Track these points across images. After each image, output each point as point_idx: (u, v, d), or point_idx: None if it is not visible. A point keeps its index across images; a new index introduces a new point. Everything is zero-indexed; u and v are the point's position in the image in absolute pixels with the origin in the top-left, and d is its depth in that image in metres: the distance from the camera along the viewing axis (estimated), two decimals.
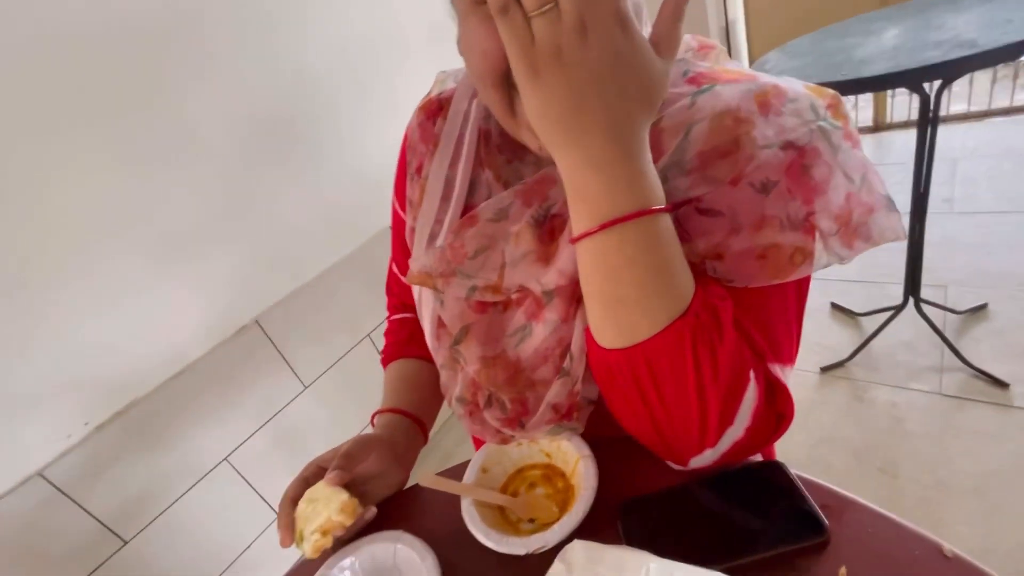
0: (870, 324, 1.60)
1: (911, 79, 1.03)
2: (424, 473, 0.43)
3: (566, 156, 0.32)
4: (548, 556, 0.34)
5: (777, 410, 0.39)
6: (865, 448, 1.31)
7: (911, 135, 1.43)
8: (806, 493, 0.35)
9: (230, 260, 1.26)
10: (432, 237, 0.47)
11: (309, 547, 0.42)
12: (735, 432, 0.37)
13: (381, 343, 0.85)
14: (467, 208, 0.47)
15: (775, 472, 0.37)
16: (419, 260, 0.46)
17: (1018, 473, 1.14)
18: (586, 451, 0.41)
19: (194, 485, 1.20)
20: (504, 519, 0.42)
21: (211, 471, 1.23)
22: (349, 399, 1.60)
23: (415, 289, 0.50)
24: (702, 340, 0.33)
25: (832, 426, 1.39)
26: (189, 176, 1.17)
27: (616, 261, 0.33)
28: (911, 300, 1.52)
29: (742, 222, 0.37)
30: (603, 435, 0.44)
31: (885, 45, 1.20)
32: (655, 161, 0.35)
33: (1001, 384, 1.32)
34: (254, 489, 1.32)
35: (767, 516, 0.35)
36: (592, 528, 0.38)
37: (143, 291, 1.11)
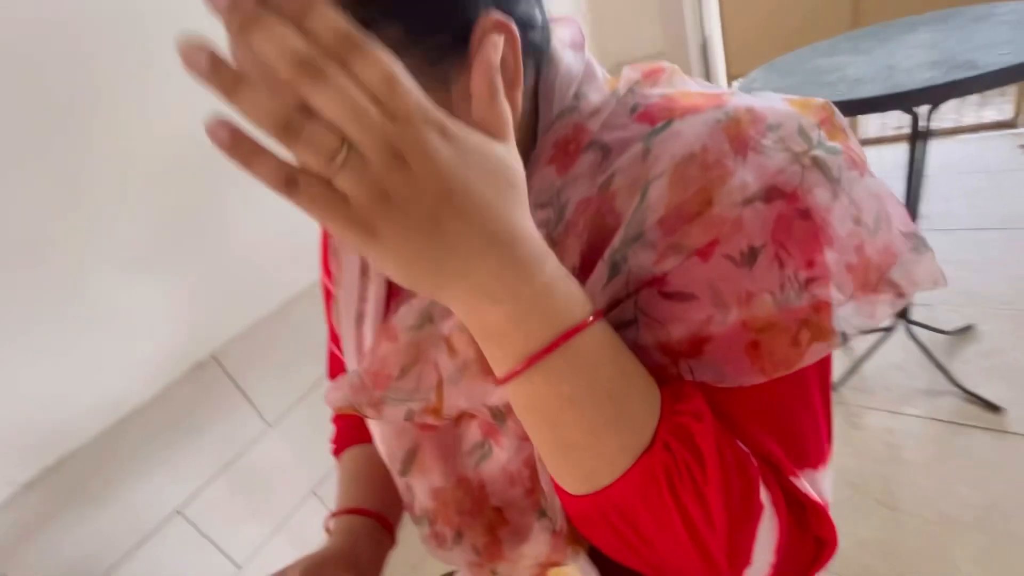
0: (860, 346, 1.57)
1: (909, 101, 1.00)
2: None
3: (454, 298, 0.25)
4: None
5: (813, 533, 0.31)
6: (863, 479, 1.26)
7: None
8: None
9: (182, 292, 1.15)
10: (360, 317, 0.39)
11: None
12: (758, 570, 0.29)
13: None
14: (390, 284, 0.39)
15: None
16: (339, 389, 0.38)
17: (1019, 504, 1.11)
18: None
19: (142, 543, 1.08)
20: None
21: (161, 526, 1.11)
22: (318, 436, 1.48)
23: None
24: (679, 477, 0.26)
25: None
26: (132, 203, 1.06)
27: (552, 403, 0.26)
28: (900, 321, 1.49)
29: (724, 301, 0.29)
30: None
31: (878, 64, 1.17)
32: (613, 233, 0.29)
33: (994, 408, 1.29)
34: (212, 542, 1.20)
35: None
36: None
37: (78, 330, 0.98)
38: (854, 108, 1.04)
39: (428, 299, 0.35)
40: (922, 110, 1.16)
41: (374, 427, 0.41)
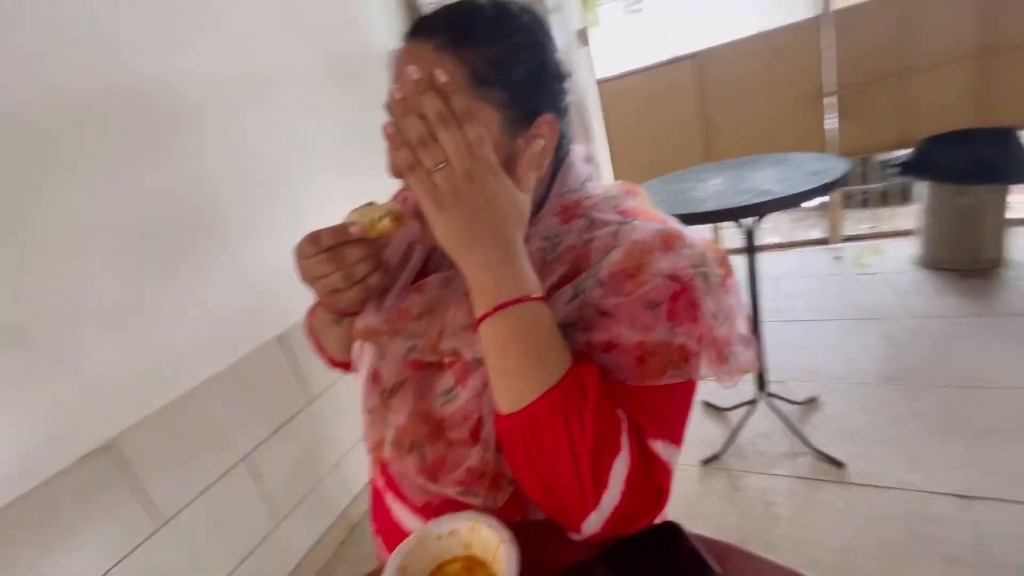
0: (735, 417, 1.81)
1: (733, 215, 1.34)
2: None
3: (466, 263, 0.44)
4: None
5: (656, 484, 0.44)
6: (747, 535, 1.41)
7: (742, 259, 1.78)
8: (698, 547, 0.40)
9: (79, 376, 1.10)
10: (382, 294, 0.54)
11: (388, 221, 0.48)
12: (612, 496, 0.42)
13: (262, 466, 0.80)
14: (419, 276, 0.55)
15: (670, 532, 0.42)
16: (367, 318, 0.53)
17: (866, 545, 1.30)
18: (506, 535, 0.42)
19: None
20: None
21: None
22: (217, 536, 1.37)
23: (356, 342, 0.58)
24: (571, 405, 0.42)
25: (718, 515, 1.49)
26: (29, 279, 1.04)
27: (504, 338, 0.43)
28: (762, 395, 1.76)
29: (632, 327, 0.46)
30: (520, 519, 0.46)
31: (712, 190, 1.54)
32: (582, 269, 0.48)
33: (839, 464, 1.54)
34: None
35: (668, 573, 0.39)
36: None
37: None
38: (698, 219, 1.36)
39: (451, 272, 0.51)
40: (748, 223, 1.53)
41: (368, 360, 0.55)
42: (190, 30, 1.38)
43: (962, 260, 2.38)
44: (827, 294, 2.53)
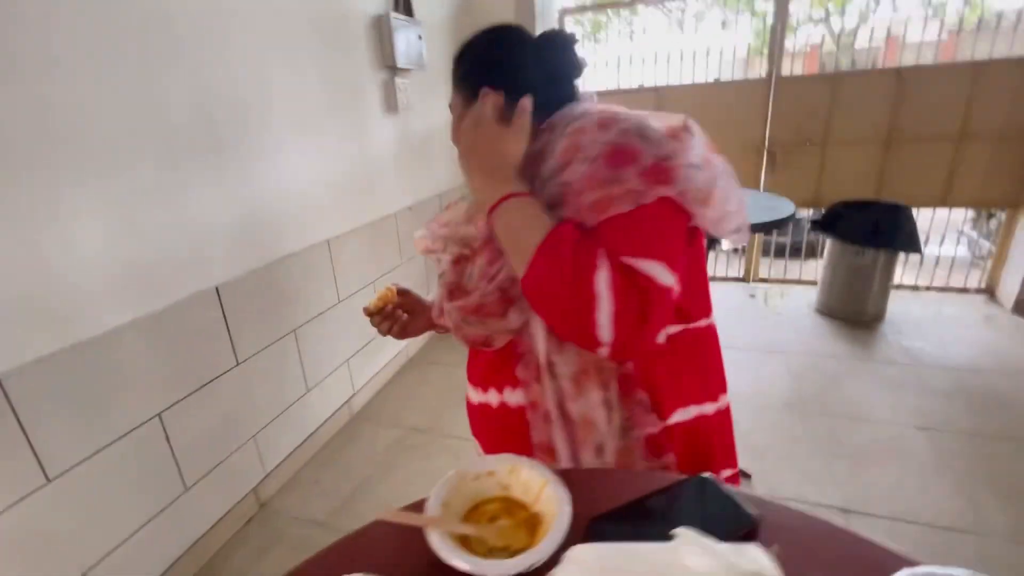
0: None
1: None
2: (386, 508, 0.38)
3: (473, 178, 0.63)
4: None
5: (641, 287, 0.53)
6: None
7: None
8: (736, 495, 0.43)
9: None
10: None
11: (375, 300, 0.80)
12: (606, 303, 0.52)
13: (172, 428, 0.78)
14: None
15: (707, 484, 0.45)
16: (422, 239, 0.74)
17: None
18: (550, 475, 0.43)
19: None
20: (471, 551, 0.39)
21: None
22: (112, 500, 1.21)
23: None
24: (553, 253, 0.55)
25: None
26: None
27: (508, 221, 0.59)
28: None
29: (584, 184, 0.56)
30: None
31: None
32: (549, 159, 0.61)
33: (746, 475, 1.70)
34: None
35: (712, 517, 0.41)
36: (570, 542, 0.38)
37: None
38: None
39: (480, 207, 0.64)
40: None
41: (442, 266, 0.72)
42: None
43: (852, 311, 2.74)
44: (742, 326, 2.79)
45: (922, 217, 3.00)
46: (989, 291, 2.95)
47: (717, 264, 3.60)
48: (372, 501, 1.69)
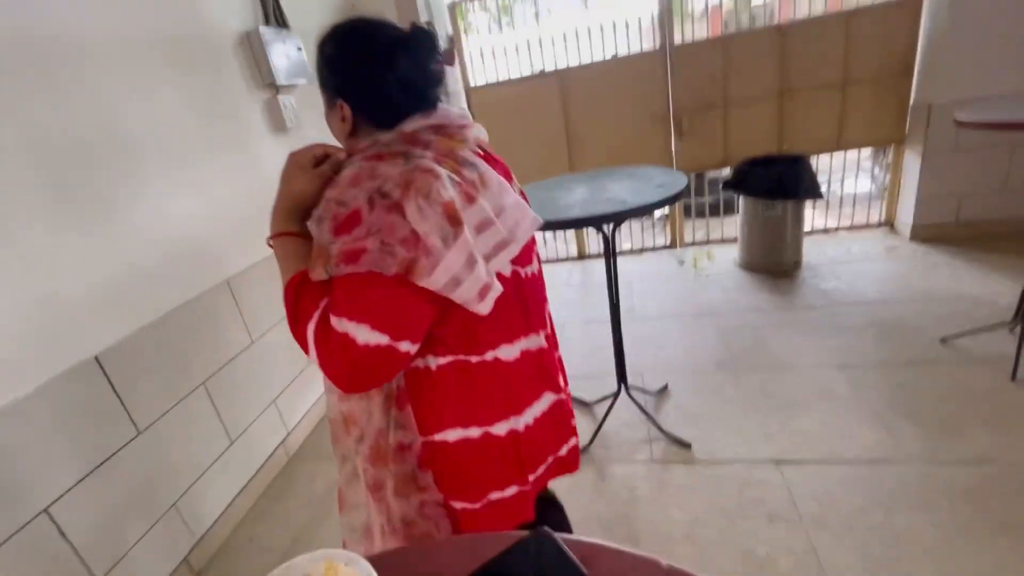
0: (600, 410, 1.94)
1: (594, 221, 1.43)
2: None
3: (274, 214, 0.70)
4: None
5: (336, 345, 0.58)
6: (614, 522, 1.52)
7: (602, 264, 1.95)
8: (568, 552, 0.40)
9: None
10: None
11: None
12: (313, 354, 0.60)
13: (67, 519, 0.64)
14: None
15: (544, 540, 0.42)
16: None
17: (709, 515, 1.48)
18: (367, 571, 0.39)
19: None
20: None
21: None
22: None
23: None
24: (289, 294, 0.64)
25: (587, 506, 1.58)
26: None
27: (279, 251, 0.68)
28: (623, 387, 1.92)
29: (319, 240, 0.63)
30: None
31: (577, 198, 1.64)
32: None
33: (686, 445, 1.74)
34: None
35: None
36: None
37: None
38: (562, 225, 1.43)
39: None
40: (607, 230, 1.65)
41: None
42: None
43: (771, 263, 2.86)
44: (671, 294, 2.86)
45: (830, 160, 3.16)
46: (889, 223, 3.15)
47: (644, 236, 3.67)
48: (313, 549, 1.61)
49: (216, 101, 1.83)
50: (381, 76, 0.66)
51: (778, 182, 2.64)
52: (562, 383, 0.86)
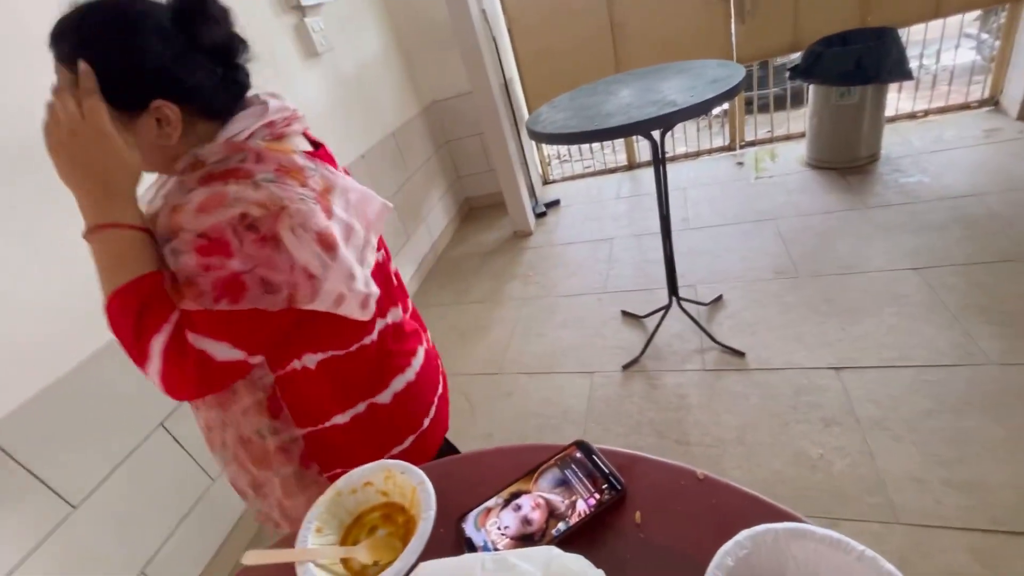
0: (651, 323, 1.94)
1: (639, 128, 1.33)
2: (248, 552, 0.39)
3: (75, 196, 0.56)
4: None
5: (192, 363, 0.55)
6: (665, 426, 1.57)
7: (651, 171, 1.84)
8: (605, 461, 0.42)
9: None
10: None
11: None
12: (155, 366, 0.55)
13: None
14: None
15: (582, 448, 0.44)
16: None
17: (761, 419, 1.50)
18: (420, 478, 0.43)
19: None
20: (350, 571, 0.40)
21: None
22: None
23: None
24: (130, 299, 0.56)
25: (638, 413, 1.64)
26: None
27: (97, 252, 0.56)
28: (674, 299, 1.89)
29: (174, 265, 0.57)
30: None
31: (621, 103, 1.52)
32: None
33: (739, 354, 1.72)
34: None
35: (580, 489, 0.41)
36: (440, 545, 0.39)
37: None
38: (603, 136, 1.34)
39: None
40: (656, 136, 1.54)
41: None
42: None
43: (844, 158, 2.59)
44: (728, 199, 2.69)
45: (924, 30, 2.72)
46: (993, 100, 2.73)
47: (701, 138, 3.40)
48: None
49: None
50: (200, 48, 0.58)
51: (856, 64, 2.32)
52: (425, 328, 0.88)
